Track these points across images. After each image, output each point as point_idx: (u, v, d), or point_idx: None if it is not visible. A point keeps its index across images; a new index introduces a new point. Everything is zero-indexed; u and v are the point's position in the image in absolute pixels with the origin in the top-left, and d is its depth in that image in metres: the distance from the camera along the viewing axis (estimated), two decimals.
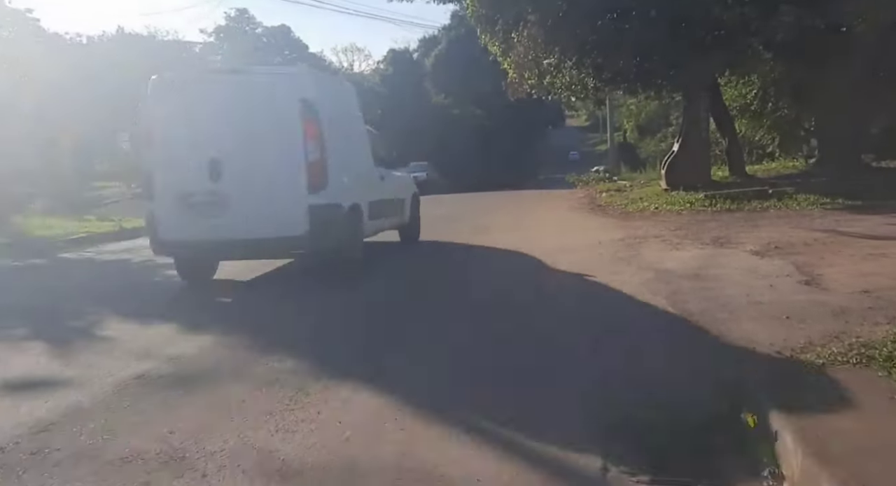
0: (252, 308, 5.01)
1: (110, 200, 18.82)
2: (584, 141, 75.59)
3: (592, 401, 2.65)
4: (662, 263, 6.01)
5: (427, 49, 47.16)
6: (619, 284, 5.19)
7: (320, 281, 5.69)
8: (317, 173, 5.22)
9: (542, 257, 6.62)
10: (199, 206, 5.29)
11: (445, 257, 6.80)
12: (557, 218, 10.70)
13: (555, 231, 8.95)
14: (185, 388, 2.93)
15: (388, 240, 7.04)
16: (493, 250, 7.47)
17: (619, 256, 6.54)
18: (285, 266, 6.54)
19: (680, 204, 10.86)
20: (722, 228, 8.15)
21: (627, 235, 8.09)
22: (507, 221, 10.47)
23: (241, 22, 41.41)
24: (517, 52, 11.04)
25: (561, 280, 5.46)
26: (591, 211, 11.79)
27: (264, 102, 5.32)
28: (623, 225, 9.25)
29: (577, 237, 8.17)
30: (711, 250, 6.64)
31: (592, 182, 21.32)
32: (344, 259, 5.62)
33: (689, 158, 12.23)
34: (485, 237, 8.29)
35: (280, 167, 5.33)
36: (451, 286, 5.40)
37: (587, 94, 13.27)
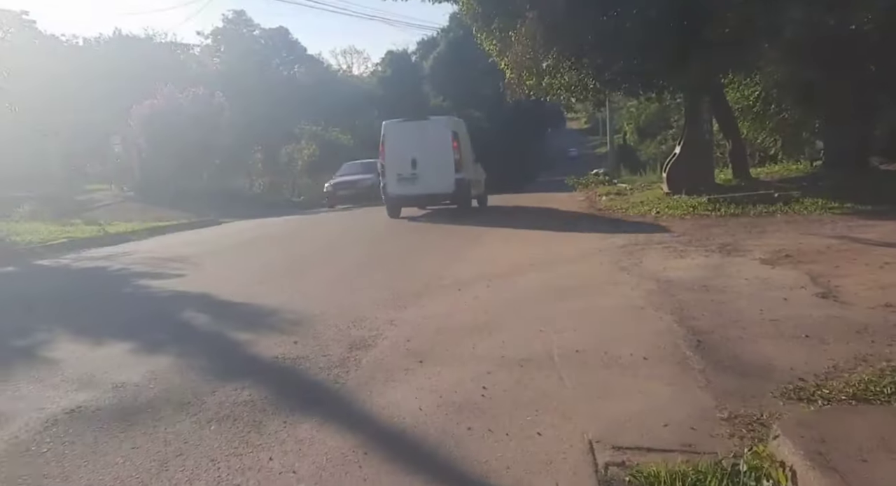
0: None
1: (101, 203, 18.46)
2: (584, 143, 75.41)
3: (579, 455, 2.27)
4: (666, 272, 5.63)
5: (426, 51, 46.88)
6: (619, 297, 4.81)
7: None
8: (457, 164, 11.21)
9: (538, 267, 6.25)
10: (406, 179, 11.25)
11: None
12: (553, 224, 10.31)
13: (551, 237, 8.56)
14: (121, 426, 2.55)
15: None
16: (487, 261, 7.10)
17: (620, 264, 6.16)
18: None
19: (682, 208, 10.49)
20: (728, 234, 7.78)
21: (629, 241, 7.72)
22: (504, 227, 10.10)
23: (239, 24, 41.06)
24: (514, 51, 10.68)
25: (556, 294, 5.07)
26: (590, 216, 11.42)
27: (435, 132, 11.53)
28: (617, 230, 8.87)
29: (575, 244, 7.80)
30: (718, 258, 6.26)
31: (592, 185, 21.00)
32: (463, 203, 11.90)
33: (692, 160, 11.86)
34: (478, 250, 7.92)
35: (442, 161, 11.09)
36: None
37: (587, 95, 12.90)
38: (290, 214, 17.50)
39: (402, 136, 11.34)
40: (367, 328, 4.05)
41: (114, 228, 11.96)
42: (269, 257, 8.16)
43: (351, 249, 8.54)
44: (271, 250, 8.94)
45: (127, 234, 11.24)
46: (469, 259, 7.06)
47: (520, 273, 5.99)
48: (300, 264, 7.22)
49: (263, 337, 3.91)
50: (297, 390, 2.97)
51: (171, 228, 12.74)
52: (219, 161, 21.35)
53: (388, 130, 11.45)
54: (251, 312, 4.66)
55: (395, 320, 4.25)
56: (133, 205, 18.06)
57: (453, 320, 4.20)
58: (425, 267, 6.57)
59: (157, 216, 15.90)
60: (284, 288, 5.58)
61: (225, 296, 5.29)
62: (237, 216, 17.06)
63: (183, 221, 13.92)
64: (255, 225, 13.24)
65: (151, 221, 14.53)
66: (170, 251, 8.68)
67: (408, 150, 11.09)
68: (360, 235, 10.58)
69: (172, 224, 13.28)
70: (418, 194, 11.47)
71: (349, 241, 9.82)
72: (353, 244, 9.22)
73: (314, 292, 5.38)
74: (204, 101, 20.11)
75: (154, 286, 5.98)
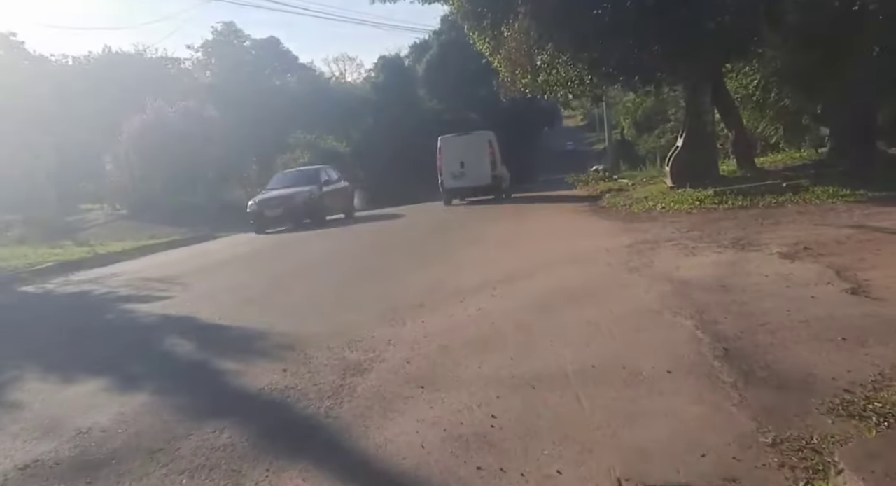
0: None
1: (94, 223, 18.18)
2: (581, 140, 75.06)
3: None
4: (680, 272, 5.31)
5: (419, 55, 46.59)
6: (633, 301, 4.48)
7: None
8: (492, 164, 16.01)
9: (544, 271, 5.93)
10: (457, 176, 16.00)
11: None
12: (555, 223, 10.00)
13: (555, 237, 8.25)
14: (80, 483, 2.22)
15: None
16: (490, 265, 6.78)
17: (630, 265, 5.84)
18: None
19: (688, 202, 10.17)
20: (739, 227, 7.45)
21: (636, 239, 7.39)
22: (504, 228, 9.78)
23: (229, 35, 40.84)
24: (508, 47, 10.37)
25: (565, 300, 4.75)
26: (593, 213, 11.09)
27: (477, 141, 16.38)
28: (630, 228, 8.54)
29: (580, 244, 7.47)
30: (733, 253, 5.93)
31: (592, 182, 20.71)
32: (497, 193, 16.63)
33: (695, 153, 11.55)
34: (479, 253, 7.61)
35: (482, 163, 15.84)
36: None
37: (584, 90, 12.59)
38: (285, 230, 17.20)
39: (453, 146, 16.45)
40: (363, 350, 3.73)
41: (104, 248, 11.67)
42: (261, 272, 7.85)
43: (346, 260, 8.24)
44: (263, 264, 8.64)
45: (117, 254, 10.93)
46: (471, 264, 6.74)
47: (525, 278, 5.67)
48: (293, 279, 6.91)
49: (249, 366, 3.59)
50: (285, 429, 2.65)
51: (163, 246, 12.44)
52: (213, 174, 21.05)
53: (443, 142, 16.54)
54: (238, 336, 4.34)
55: (392, 338, 3.93)
56: (126, 223, 17.80)
57: (456, 336, 3.88)
58: (425, 275, 6.25)
59: (151, 234, 15.62)
60: (276, 307, 5.26)
61: (211, 319, 4.97)
62: (232, 230, 16.76)
63: (176, 238, 13.62)
64: (249, 239, 12.94)
65: (144, 240, 14.23)
66: (159, 271, 8.37)
67: (457, 155, 16.21)
68: (356, 245, 10.28)
69: (165, 242, 12.98)
70: (465, 186, 16.37)
71: (345, 252, 9.52)
72: (348, 255, 8.92)
73: (307, 311, 5.06)
74: (194, 114, 19.85)
75: (137, 311, 5.66)
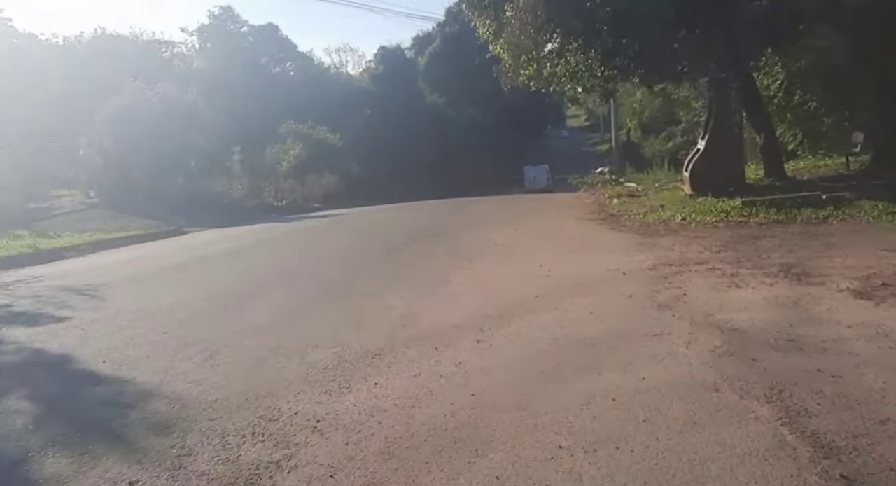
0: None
1: (62, 211, 16.88)
2: (584, 141, 73.61)
3: None
4: (726, 313, 4.04)
5: (421, 47, 45.18)
6: (673, 363, 3.21)
7: None
8: (547, 179, 28.96)
9: (547, 302, 4.65)
10: (531, 182, 27.93)
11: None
12: (563, 233, 8.71)
13: (560, 253, 6.96)
14: None
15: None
16: (480, 290, 5.51)
17: (657, 298, 4.57)
18: None
19: (713, 213, 8.89)
20: (784, 249, 6.18)
21: (658, 259, 6.13)
22: (500, 239, 8.49)
23: (226, 20, 39.35)
24: (511, 29, 9.06)
25: (577, 357, 3.48)
26: (603, 222, 9.80)
27: (542, 168, 30.06)
28: (648, 243, 7.26)
29: (590, 263, 6.19)
30: (788, 287, 4.66)
31: (598, 184, 19.40)
32: (547, 191, 23.77)
33: (719, 157, 10.26)
34: (469, 272, 6.33)
35: (543, 177, 28.85)
36: None
37: (594, 84, 11.28)
38: (267, 221, 15.91)
39: (531, 169, 28.92)
40: (273, 441, 2.46)
41: (54, 242, 10.38)
42: (205, 286, 6.52)
43: (311, 271, 6.94)
44: (213, 274, 7.31)
45: (63, 249, 9.65)
46: (456, 287, 5.46)
47: (522, 313, 4.40)
48: (235, 300, 5.59)
49: (82, 471, 2.31)
50: None
51: (122, 241, 11.16)
52: (195, 163, 19.74)
53: (526, 169, 29.15)
54: (105, 399, 3.07)
55: (323, 419, 2.65)
56: (95, 213, 16.51)
57: (416, 422, 2.60)
58: (395, 302, 4.97)
59: (118, 225, 14.34)
60: (189, 346, 3.95)
61: (91, 363, 3.67)
62: (208, 224, 15.47)
63: (140, 232, 12.34)
64: (219, 237, 11.66)
65: (107, 232, 12.95)
66: (90, 276, 7.08)
67: (532, 173, 28.28)
68: (330, 250, 9.00)
69: (126, 236, 11.69)
70: (534, 188, 24.78)
71: (313, 260, 8.22)
72: (314, 265, 7.61)
73: (224, 356, 3.75)
74: (174, 98, 18.50)
75: (5, 341, 4.37)
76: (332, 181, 23.09)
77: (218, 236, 11.71)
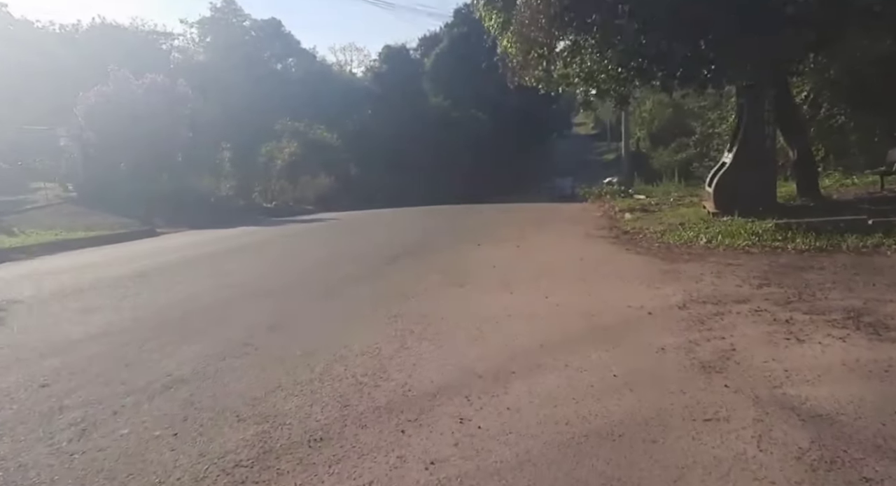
0: None
1: (34, 205, 15.86)
2: (591, 150, 72.46)
3: None
4: (798, 386, 2.99)
5: (427, 48, 44.21)
6: (742, 481, 2.15)
7: None
8: (571, 187, 27.94)
9: (553, 356, 3.60)
10: (558, 190, 29.42)
11: None
12: (570, 254, 7.65)
13: (570, 280, 5.90)
14: None
15: None
16: (468, 333, 4.49)
17: (698, 354, 3.53)
18: None
19: (742, 236, 7.85)
20: (840, 286, 5.13)
21: (688, 293, 5.08)
22: (499, 258, 7.45)
23: (227, 13, 38.43)
24: (521, 18, 8.02)
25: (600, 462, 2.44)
26: (616, 241, 8.76)
27: (568, 180, 31.11)
28: (672, 271, 6.22)
29: (607, 296, 5.14)
30: (866, 344, 3.61)
31: (607, 195, 18.37)
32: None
33: (747, 172, 9.23)
34: (457, 300, 5.30)
35: (566, 185, 29.57)
36: None
37: (609, 87, 10.24)
38: (253, 224, 14.88)
39: (560, 179, 30.90)
40: None
41: (7, 240, 9.34)
42: (128, 311, 5.41)
43: (268, 297, 5.85)
44: (148, 295, 6.18)
45: (12, 250, 8.63)
46: (441, 326, 4.41)
47: (522, 372, 3.34)
48: (153, 336, 4.53)
49: None
50: None
51: (83, 243, 10.13)
52: (182, 158, 18.72)
53: (557, 180, 31.23)
54: None
55: None
56: (70, 208, 15.51)
57: None
58: (358, 346, 3.92)
59: (89, 223, 13.32)
60: (60, 411, 2.90)
61: None
62: (188, 225, 14.46)
63: (107, 233, 11.32)
64: (189, 241, 10.62)
65: (74, 231, 11.93)
66: (13, 288, 6.04)
67: (560, 183, 30.11)
68: (302, 266, 7.96)
69: (90, 237, 10.67)
70: (561, 195, 25.67)
71: (278, 279, 7.14)
72: (276, 287, 6.55)
73: (102, 432, 2.71)
74: (162, 89, 17.48)
75: None
76: (326, 183, 22.05)
77: (188, 241, 10.68)
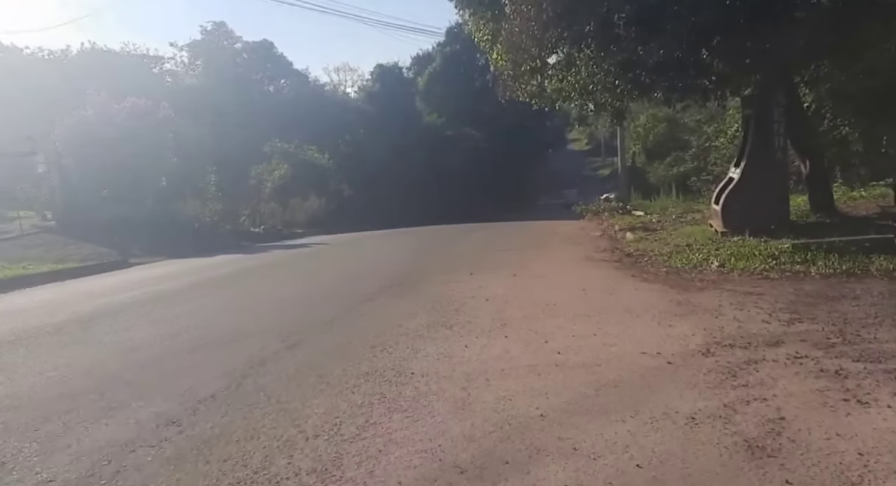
0: None
1: (8, 235, 15.13)
2: (585, 165, 72.25)
3: None
4: (885, 480, 2.26)
5: (420, 67, 44.01)
6: None
7: None
8: (577, 196, 31.51)
9: (558, 432, 2.87)
10: (565, 198, 34.41)
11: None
12: (571, 283, 6.94)
13: (570, 320, 5.17)
14: None
15: None
16: (451, 396, 3.77)
17: (740, 428, 2.80)
18: None
19: (758, 259, 7.17)
20: (885, 319, 4.43)
21: (709, 332, 4.37)
22: (493, 289, 6.74)
23: (219, 36, 38.17)
24: (511, 28, 7.41)
25: None
26: (620, 266, 8.05)
27: (573, 192, 37.11)
28: (686, 303, 5.50)
29: (616, 339, 4.42)
30: None
31: (605, 212, 17.69)
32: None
33: (758, 188, 8.59)
34: (441, 347, 4.58)
35: (572, 195, 34.17)
36: None
37: (606, 100, 9.63)
38: (235, 251, 14.16)
39: (567, 191, 36.79)
40: None
41: None
42: (60, 368, 4.65)
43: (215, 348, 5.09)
44: (88, 346, 5.39)
45: None
46: (419, 386, 3.67)
47: (517, 462, 2.60)
48: (75, 410, 3.72)
49: None
50: None
51: (45, 278, 9.41)
52: (167, 183, 18.07)
53: (565, 192, 37.38)
54: None
55: None
56: (47, 238, 14.80)
57: None
58: (315, 424, 3.18)
59: (62, 255, 12.60)
60: None
61: None
62: (167, 254, 13.74)
63: (75, 266, 10.59)
64: (159, 274, 9.90)
65: (42, 263, 11.21)
66: None
67: (567, 193, 35.78)
68: (268, 305, 7.22)
69: (54, 271, 9.94)
70: (567, 203, 27.31)
71: (240, 322, 6.41)
72: (227, 334, 5.81)
73: None
74: (143, 112, 16.90)
75: None
76: (317, 205, 21.38)
77: (158, 274, 9.94)
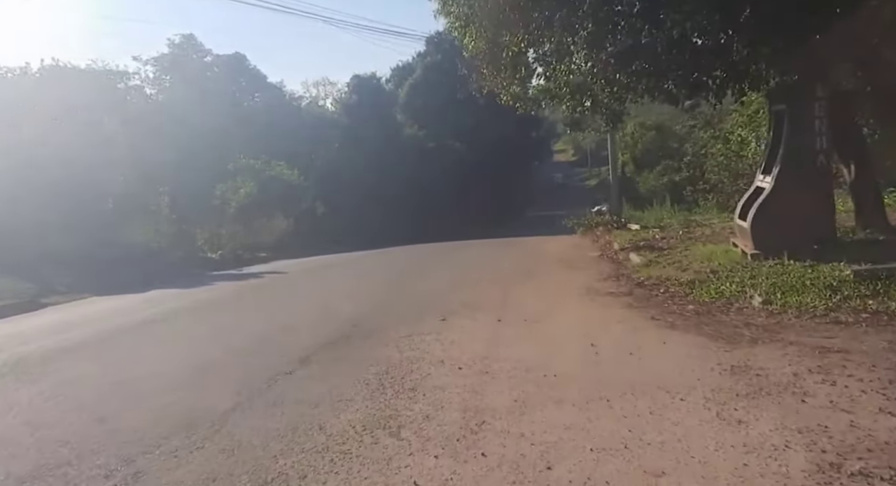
0: None
1: None
2: (572, 176, 71.23)
3: None
4: None
5: (400, 79, 42.60)
6: None
7: None
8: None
9: None
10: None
11: None
12: (574, 334, 5.24)
13: (579, 411, 3.48)
14: None
15: None
16: None
17: None
18: None
19: (812, 291, 5.56)
20: None
21: (812, 442, 2.71)
22: (470, 347, 5.04)
23: (187, 49, 36.47)
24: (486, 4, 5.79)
25: None
26: (630, 301, 6.36)
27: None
28: (745, 369, 3.83)
29: (655, 461, 2.74)
30: None
31: (600, 227, 16.01)
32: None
33: (796, 200, 7.01)
34: (370, 469, 2.88)
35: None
36: None
37: (608, 100, 8.07)
38: (174, 284, 12.25)
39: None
40: None
41: None
42: None
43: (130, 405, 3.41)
44: None
45: None
46: None
47: None
48: None
49: None
50: None
51: None
52: (113, 206, 16.25)
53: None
54: None
55: None
56: None
57: None
58: None
59: None
60: None
61: None
62: (96, 289, 11.90)
63: None
64: (65, 321, 8.08)
65: None
66: None
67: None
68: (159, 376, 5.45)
69: None
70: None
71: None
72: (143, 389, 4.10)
73: None
74: (85, 130, 15.14)
75: None
76: (284, 225, 19.65)
77: (62, 319, 8.13)
